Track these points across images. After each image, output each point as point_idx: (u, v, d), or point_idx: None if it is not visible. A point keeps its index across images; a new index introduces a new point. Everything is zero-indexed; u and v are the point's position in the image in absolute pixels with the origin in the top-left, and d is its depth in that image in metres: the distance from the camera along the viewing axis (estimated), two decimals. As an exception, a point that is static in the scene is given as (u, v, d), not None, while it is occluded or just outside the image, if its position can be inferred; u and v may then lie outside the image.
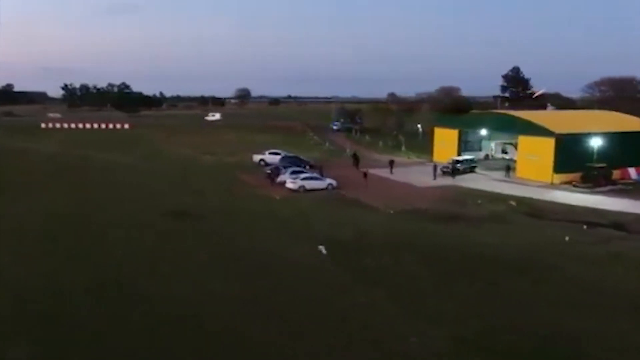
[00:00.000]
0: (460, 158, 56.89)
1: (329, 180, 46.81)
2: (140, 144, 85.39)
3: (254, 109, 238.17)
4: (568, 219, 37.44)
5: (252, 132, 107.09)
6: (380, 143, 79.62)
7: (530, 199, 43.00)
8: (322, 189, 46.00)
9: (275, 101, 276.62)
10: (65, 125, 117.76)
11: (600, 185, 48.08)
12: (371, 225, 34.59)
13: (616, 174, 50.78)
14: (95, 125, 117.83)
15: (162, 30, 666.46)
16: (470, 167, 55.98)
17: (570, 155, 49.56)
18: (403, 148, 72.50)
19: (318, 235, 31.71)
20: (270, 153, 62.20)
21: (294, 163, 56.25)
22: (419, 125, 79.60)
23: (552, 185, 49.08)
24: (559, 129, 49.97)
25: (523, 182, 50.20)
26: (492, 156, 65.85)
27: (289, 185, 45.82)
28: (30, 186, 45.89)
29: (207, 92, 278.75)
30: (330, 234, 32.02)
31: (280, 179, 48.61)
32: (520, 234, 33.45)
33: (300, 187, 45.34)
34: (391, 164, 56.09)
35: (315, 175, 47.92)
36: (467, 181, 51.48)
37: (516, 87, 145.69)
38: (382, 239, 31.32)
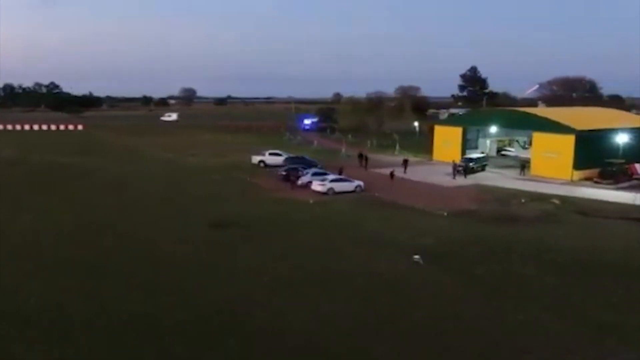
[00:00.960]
0: (473, 156, 55.60)
1: (356, 182, 43.89)
2: (107, 146, 78.69)
3: (203, 109, 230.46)
4: (622, 216, 36.56)
5: (224, 132, 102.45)
6: (369, 142, 77.49)
7: (570, 197, 42.06)
8: (351, 191, 43.06)
9: (221, 101, 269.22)
10: (9, 127, 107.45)
11: (620, 182, 48.16)
12: (439, 230, 32.09)
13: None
14: (45, 127, 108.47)
15: (86, 27, 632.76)
16: (481, 166, 54.83)
17: (588, 152, 49.40)
18: (397, 147, 70.65)
19: (395, 244, 28.94)
20: (270, 154, 58.41)
21: (301, 164, 52.91)
22: (415, 124, 78.16)
23: (574, 182, 48.67)
24: (578, 126, 49.71)
25: (542, 180, 49.40)
26: (487, 154, 65.17)
27: (317, 187, 42.52)
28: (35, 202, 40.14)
29: (133, 93, 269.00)
30: (408, 242, 29.31)
31: (301, 181, 45.20)
32: (595, 234, 31.97)
33: (329, 189, 42.16)
34: (405, 163, 53.96)
35: (342, 177, 44.84)
36: (486, 180, 50.18)
37: (474, 86, 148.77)
38: (466, 244, 28.90)
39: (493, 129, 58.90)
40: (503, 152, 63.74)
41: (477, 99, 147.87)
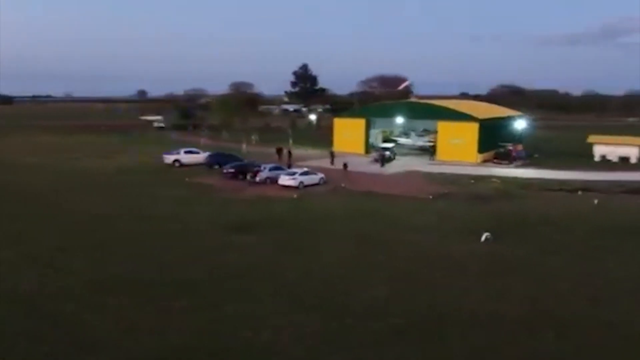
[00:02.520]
0: (387, 146, 59.21)
1: (320, 175, 43.78)
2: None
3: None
4: (553, 188, 43.36)
5: (63, 133, 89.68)
6: (253, 138, 76.12)
7: (499, 176, 47.94)
8: (317, 184, 42.84)
9: (6, 100, 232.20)
10: None
11: (512, 161, 56.50)
12: (445, 212, 34.36)
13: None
14: None
15: None
16: (394, 155, 58.73)
17: (487, 137, 56.86)
18: (291, 141, 70.94)
19: (429, 228, 30.28)
20: (186, 152, 53.83)
21: (229, 160, 50.92)
22: (312, 118, 78.65)
23: (479, 164, 55.48)
24: (479, 115, 56.83)
25: (454, 163, 55.03)
26: (373, 144, 69.59)
27: (288, 182, 41.31)
28: None
29: None
30: (436, 225, 31.04)
31: (260, 177, 43.25)
32: (561, 204, 37.46)
33: (300, 183, 41.36)
34: (332, 155, 55.02)
35: (308, 170, 43.98)
36: (408, 166, 53.77)
37: (305, 83, 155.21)
38: (484, 220, 31.43)
39: (399, 120, 63.43)
40: (399, 142, 68.51)
41: (308, 96, 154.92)
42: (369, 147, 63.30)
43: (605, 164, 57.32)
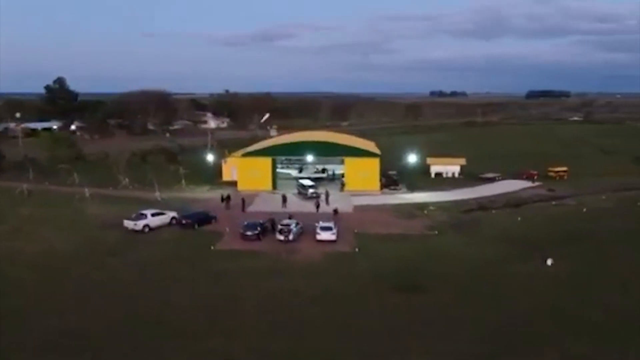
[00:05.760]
0: (309, 183, 65.51)
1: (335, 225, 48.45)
2: None
3: None
4: (474, 208, 59.25)
5: None
6: (125, 179, 69.95)
7: (426, 202, 61.28)
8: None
9: None
10: None
11: (398, 187, 70.51)
12: (473, 243, 45.74)
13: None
14: None
15: None
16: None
17: (381, 168, 69.69)
18: (184, 182, 69.24)
19: (496, 259, 41.59)
20: (153, 215, 49.85)
21: (204, 218, 52.00)
22: (209, 157, 74.26)
23: (382, 192, 67.74)
24: (377, 150, 69.17)
25: (364, 193, 65.45)
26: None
27: (329, 237, 45.37)
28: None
29: None
30: (496, 255, 42.57)
31: (293, 235, 45.97)
32: (506, 222, 52.87)
33: (337, 236, 46.27)
34: (284, 199, 58.74)
35: (331, 224, 47.47)
36: (341, 201, 61.92)
37: (63, 98, 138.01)
38: (508, 246, 44.66)
39: (309, 158, 69.97)
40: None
41: (68, 111, 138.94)
42: (276, 185, 68.49)
43: (442, 180, 77.31)
